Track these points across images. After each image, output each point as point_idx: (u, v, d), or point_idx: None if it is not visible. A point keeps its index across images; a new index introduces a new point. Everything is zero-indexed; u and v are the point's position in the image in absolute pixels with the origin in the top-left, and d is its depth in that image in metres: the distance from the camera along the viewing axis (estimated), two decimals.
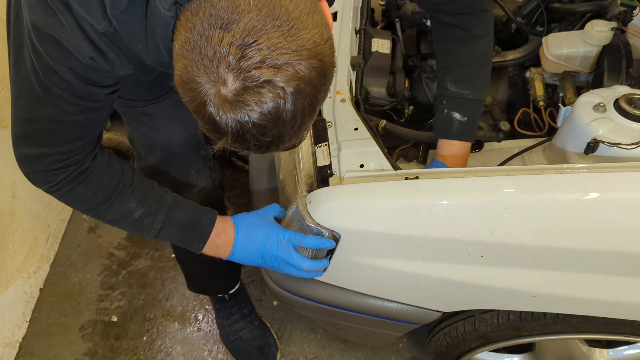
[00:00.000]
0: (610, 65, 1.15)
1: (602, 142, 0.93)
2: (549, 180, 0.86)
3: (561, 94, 1.23)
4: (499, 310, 1.11)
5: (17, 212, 1.79)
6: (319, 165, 1.03)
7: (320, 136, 1.07)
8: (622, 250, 0.86)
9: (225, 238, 1.03)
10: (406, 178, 0.94)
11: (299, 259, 0.99)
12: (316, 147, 1.06)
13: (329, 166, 1.02)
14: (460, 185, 0.89)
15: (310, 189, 1.00)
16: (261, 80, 0.62)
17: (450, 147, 1.14)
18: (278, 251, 1.00)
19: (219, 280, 1.64)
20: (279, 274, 1.13)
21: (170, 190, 1.04)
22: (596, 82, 1.20)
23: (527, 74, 1.31)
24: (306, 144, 1.06)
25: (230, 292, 1.68)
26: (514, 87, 1.42)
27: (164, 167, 1.28)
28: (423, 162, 1.22)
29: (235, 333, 1.70)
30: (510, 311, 1.10)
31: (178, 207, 1.02)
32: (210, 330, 1.81)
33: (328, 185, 0.99)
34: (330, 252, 1.01)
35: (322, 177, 1.02)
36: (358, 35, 1.30)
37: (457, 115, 1.12)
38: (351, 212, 0.95)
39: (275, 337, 1.74)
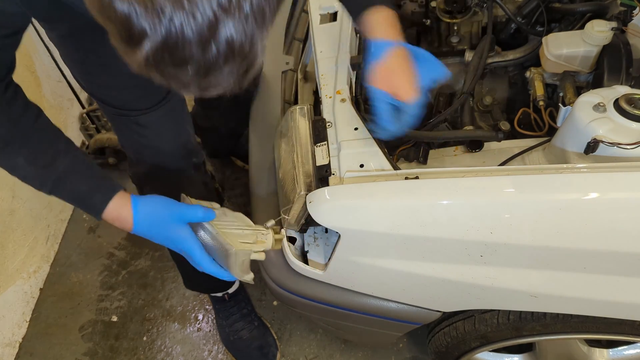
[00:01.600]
0: (610, 65, 1.15)
1: (602, 142, 0.93)
2: (549, 180, 0.86)
3: (561, 94, 1.23)
4: (499, 310, 1.11)
5: (17, 212, 1.79)
6: (318, 164, 1.03)
7: (320, 135, 1.07)
8: (622, 250, 0.86)
9: (122, 222, 0.95)
10: (406, 178, 0.93)
11: (202, 259, 0.94)
12: (315, 147, 1.06)
13: (328, 165, 1.02)
14: (460, 185, 0.89)
15: (309, 189, 1.00)
16: None
17: (382, 18, 0.95)
18: (182, 243, 0.93)
19: (213, 279, 1.64)
20: (279, 274, 1.13)
21: (72, 150, 0.93)
22: (596, 82, 1.20)
23: (527, 74, 1.31)
24: (305, 143, 1.06)
25: (230, 292, 1.68)
26: (514, 87, 1.42)
27: (154, 174, 1.27)
28: (423, 162, 1.22)
29: (235, 333, 1.70)
30: (510, 311, 1.10)
31: (70, 178, 0.92)
32: (210, 331, 1.81)
33: (327, 184, 0.99)
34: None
35: (321, 176, 1.01)
36: (358, 35, 1.30)
37: None
38: (351, 212, 0.95)
39: (276, 337, 1.74)
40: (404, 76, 0.91)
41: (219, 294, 1.69)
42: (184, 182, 1.30)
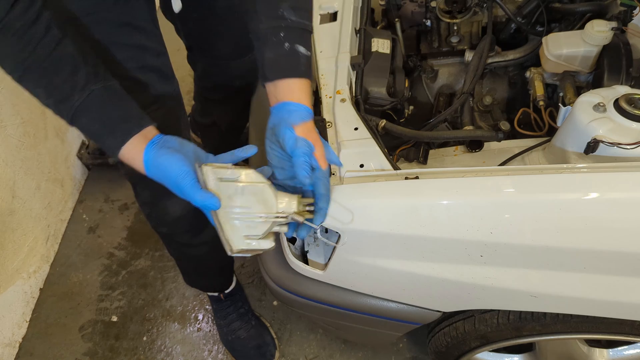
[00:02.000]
0: (610, 65, 1.15)
1: (602, 142, 0.93)
2: (549, 180, 0.86)
3: (561, 94, 1.23)
4: (498, 310, 1.11)
5: (17, 212, 1.79)
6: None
7: (321, 136, 1.07)
8: (622, 250, 0.86)
9: (136, 168, 0.89)
10: (406, 178, 0.94)
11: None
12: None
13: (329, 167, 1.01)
14: (460, 185, 0.89)
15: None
16: None
17: (296, 88, 0.91)
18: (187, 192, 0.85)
19: (211, 278, 1.65)
20: (279, 273, 1.13)
21: (91, 83, 0.87)
22: (596, 82, 1.20)
23: (527, 73, 1.31)
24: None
25: (226, 291, 1.68)
26: (514, 87, 1.42)
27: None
28: (424, 162, 1.22)
29: (232, 333, 1.71)
30: (510, 311, 1.10)
31: (85, 115, 0.87)
32: (210, 330, 1.81)
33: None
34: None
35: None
36: (358, 35, 1.30)
37: (302, 50, 0.91)
38: (351, 212, 0.95)
39: (274, 337, 1.74)
40: (321, 145, 0.90)
41: (216, 294, 1.69)
42: None
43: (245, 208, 0.86)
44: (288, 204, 0.87)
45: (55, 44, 0.84)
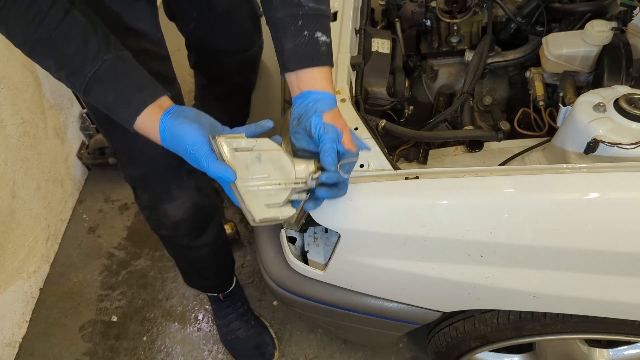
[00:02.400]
0: (610, 65, 1.15)
1: (602, 142, 0.93)
2: (549, 180, 0.86)
3: (561, 94, 1.23)
4: (498, 310, 1.11)
5: (17, 212, 1.79)
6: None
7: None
8: (622, 250, 0.86)
9: (152, 139, 0.87)
10: (406, 178, 0.94)
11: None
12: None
13: None
14: (460, 185, 0.89)
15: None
16: None
17: (319, 76, 0.91)
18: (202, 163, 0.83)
19: (211, 279, 1.65)
20: (279, 273, 1.13)
21: (102, 53, 0.85)
22: (596, 82, 1.20)
23: (527, 73, 1.31)
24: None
25: (226, 291, 1.68)
26: (514, 87, 1.42)
27: (145, 178, 1.26)
28: (424, 162, 1.22)
29: (231, 333, 1.71)
30: (510, 311, 1.10)
31: (98, 86, 0.85)
32: (210, 331, 1.81)
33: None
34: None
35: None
36: (358, 35, 1.30)
37: (321, 37, 0.90)
38: (351, 212, 0.95)
39: (274, 337, 1.74)
40: (347, 130, 0.89)
41: (215, 294, 1.69)
42: (174, 189, 1.28)
43: (263, 176, 0.84)
44: (305, 168, 0.86)
45: (64, 13, 0.82)
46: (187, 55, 1.67)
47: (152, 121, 0.86)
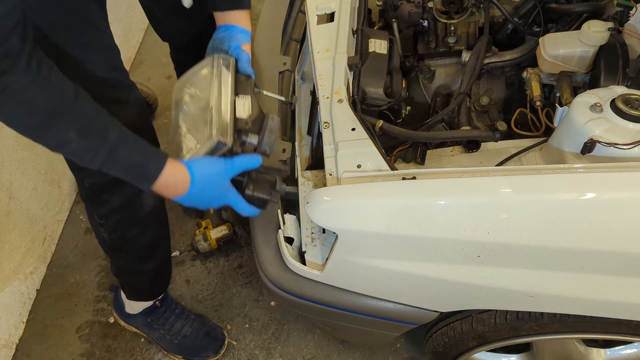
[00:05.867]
0: (606, 65, 1.15)
1: (599, 142, 0.93)
2: (545, 180, 0.87)
3: (558, 94, 1.24)
4: (496, 310, 1.11)
5: (14, 213, 1.79)
6: (237, 116, 1.02)
7: (242, 90, 1.08)
8: (619, 250, 0.86)
9: (177, 186, 0.97)
10: (403, 178, 0.94)
11: (239, 203, 1.05)
12: (237, 97, 1.05)
13: (248, 120, 1.03)
14: (457, 185, 0.89)
15: (224, 133, 0.97)
16: None
17: (242, 16, 1.17)
18: (227, 194, 1.03)
19: (164, 278, 1.65)
20: (277, 274, 1.13)
21: (118, 123, 0.92)
22: (593, 83, 1.20)
23: (524, 74, 1.31)
24: (226, 93, 1.03)
25: (160, 297, 1.67)
26: (511, 88, 1.43)
27: (113, 186, 1.26)
28: (421, 163, 1.22)
29: (177, 335, 1.69)
30: (507, 311, 1.10)
31: (123, 146, 0.91)
32: None
33: (247, 136, 1.01)
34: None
35: (239, 128, 1.01)
36: (355, 35, 1.30)
37: None
38: (348, 213, 0.95)
39: (215, 321, 1.75)
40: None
41: (150, 303, 1.66)
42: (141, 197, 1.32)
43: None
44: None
45: (76, 89, 0.86)
46: (170, 53, 1.72)
47: (178, 166, 0.95)
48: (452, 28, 1.43)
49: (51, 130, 0.84)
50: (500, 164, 1.14)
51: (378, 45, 1.28)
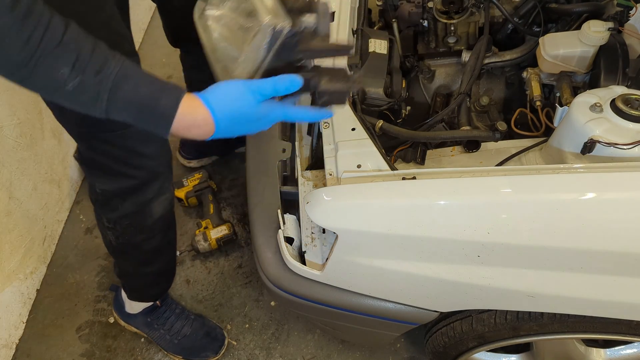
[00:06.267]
0: (606, 65, 1.15)
1: (599, 142, 0.93)
2: (545, 180, 0.87)
3: (558, 94, 1.24)
4: (496, 310, 1.11)
5: (14, 213, 1.79)
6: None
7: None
8: (619, 250, 0.86)
9: (199, 126, 0.81)
10: (403, 178, 0.94)
11: (298, 112, 0.86)
12: None
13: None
14: (457, 185, 0.89)
15: (277, 18, 0.79)
16: None
17: None
18: (270, 114, 0.84)
19: (167, 280, 1.65)
20: (277, 274, 1.13)
21: (120, 55, 0.77)
22: (593, 83, 1.20)
23: (524, 74, 1.31)
24: None
25: (164, 295, 1.68)
26: (511, 88, 1.43)
27: (140, 182, 1.26)
28: (421, 163, 1.22)
29: (177, 335, 1.69)
30: (507, 311, 1.10)
31: (128, 81, 0.76)
32: None
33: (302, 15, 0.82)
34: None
35: (289, 8, 0.81)
36: (355, 35, 1.30)
37: None
38: (348, 213, 0.95)
39: (214, 322, 1.75)
40: None
41: (150, 304, 1.67)
42: (167, 181, 1.30)
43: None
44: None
45: (65, 21, 0.74)
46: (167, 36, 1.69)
47: (196, 101, 0.80)
48: (452, 28, 1.43)
49: (39, 69, 0.72)
50: (500, 164, 1.14)
51: (378, 45, 1.28)
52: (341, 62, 1.19)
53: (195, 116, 0.79)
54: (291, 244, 1.13)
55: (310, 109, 0.88)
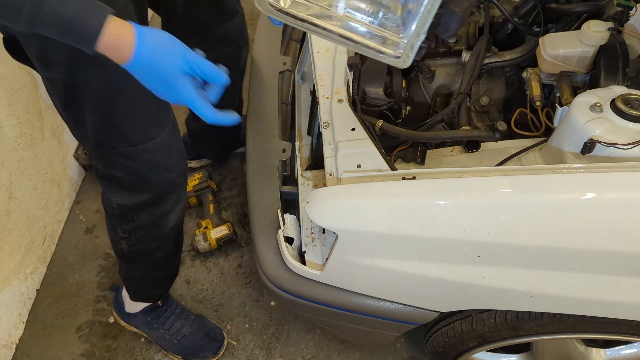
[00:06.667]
0: (606, 65, 1.15)
1: (599, 142, 0.93)
2: (545, 180, 0.87)
3: (558, 94, 1.23)
4: (496, 310, 1.11)
5: (14, 213, 1.79)
6: None
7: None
8: (619, 250, 0.86)
9: (120, 48, 0.80)
10: (403, 178, 0.94)
11: (203, 105, 0.85)
12: None
13: None
14: (457, 185, 0.89)
15: None
16: None
17: None
18: (181, 89, 0.84)
19: (169, 281, 1.65)
20: (277, 274, 1.13)
21: None
22: (593, 83, 1.20)
23: (524, 74, 1.31)
24: None
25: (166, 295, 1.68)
26: (511, 88, 1.42)
27: (156, 196, 1.27)
28: (421, 163, 1.22)
29: (177, 334, 1.69)
30: (507, 311, 1.10)
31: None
32: None
33: None
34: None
35: None
36: None
37: None
38: (348, 213, 0.95)
39: (214, 322, 1.75)
40: None
41: (150, 304, 1.67)
42: (183, 192, 1.31)
43: None
44: None
45: None
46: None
47: (124, 26, 0.79)
48: None
49: None
50: (500, 164, 1.14)
51: None
52: (341, 61, 1.19)
53: (118, 39, 0.79)
54: (291, 244, 1.13)
55: (216, 110, 0.87)
